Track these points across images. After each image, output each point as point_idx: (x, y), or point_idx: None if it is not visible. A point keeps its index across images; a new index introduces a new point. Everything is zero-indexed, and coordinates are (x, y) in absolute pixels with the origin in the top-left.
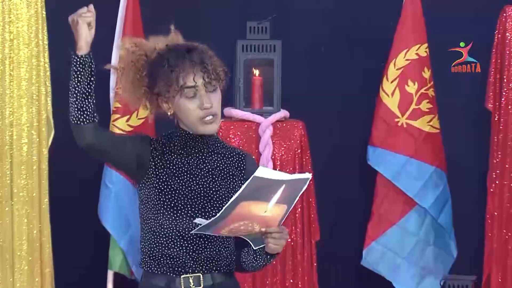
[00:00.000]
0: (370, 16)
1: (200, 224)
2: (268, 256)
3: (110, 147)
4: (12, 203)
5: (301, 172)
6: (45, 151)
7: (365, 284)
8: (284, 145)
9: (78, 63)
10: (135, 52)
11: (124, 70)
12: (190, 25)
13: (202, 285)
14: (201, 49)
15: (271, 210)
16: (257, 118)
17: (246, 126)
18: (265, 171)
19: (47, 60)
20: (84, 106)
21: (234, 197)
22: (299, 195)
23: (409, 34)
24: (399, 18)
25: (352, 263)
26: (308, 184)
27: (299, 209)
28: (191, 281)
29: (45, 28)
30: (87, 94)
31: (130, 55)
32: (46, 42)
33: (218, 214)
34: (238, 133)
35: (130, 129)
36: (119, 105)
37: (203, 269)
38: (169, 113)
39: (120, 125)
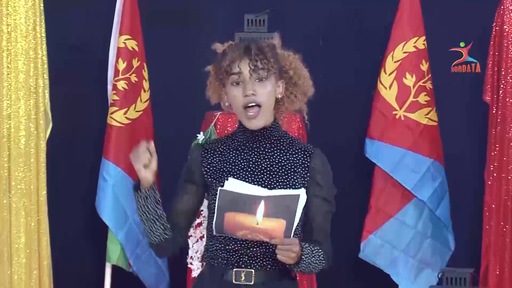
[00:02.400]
0: (368, 9)
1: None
2: (289, 266)
3: (191, 218)
4: (10, 196)
5: None
6: (43, 144)
7: (362, 277)
8: None
9: (142, 197)
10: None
11: (212, 71)
12: (187, 18)
13: (253, 281)
14: (256, 40)
15: (263, 223)
16: None
17: None
18: (233, 185)
19: (44, 52)
20: (154, 229)
21: (216, 208)
22: (298, 211)
23: (407, 26)
24: (397, 10)
25: (349, 256)
26: None
27: None
28: (242, 275)
29: (43, 20)
30: (155, 219)
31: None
32: (43, 34)
33: (214, 221)
34: (236, 125)
35: (127, 121)
36: (117, 98)
37: (258, 266)
38: (226, 104)
39: (118, 117)
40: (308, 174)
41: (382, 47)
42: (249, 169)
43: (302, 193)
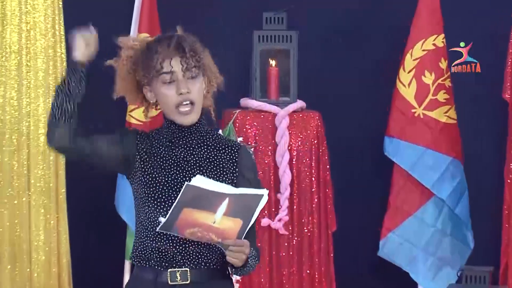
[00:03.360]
0: (387, 6)
1: (161, 223)
2: (234, 269)
3: (88, 153)
4: (29, 194)
5: (317, 164)
6: None
7: (382, 275)
8: (301, 136)
9: (71, 65)
10: (133, 47)
11: (122, 65)
12: (206, 16)
13: (189, 280)
14: (184, 37)
15: (220, 222)
16: (274, 108)
17: (262, 116)
18: (201, 181)
19: (63, 50)
20: (65, 105)
21: (175, 202)
22: (257, 212)
23: (426, 24)
24: (416, 8)
25: (369, 254)
26: (325, 175)
27: (316, 200)
28: (178, 275)
29: (62, 18)
30: (72, 96)
31: (128, 50)
32: (62, 32)
33: (166, 217)
34: (255, 123)
35: (146, 119)
36: None
37: (192, 264)
38: (151, 102)
39: (137, 115)
40: (237, 170)
41: (401, 45)
42: (180, 165)
43: (265, 193)
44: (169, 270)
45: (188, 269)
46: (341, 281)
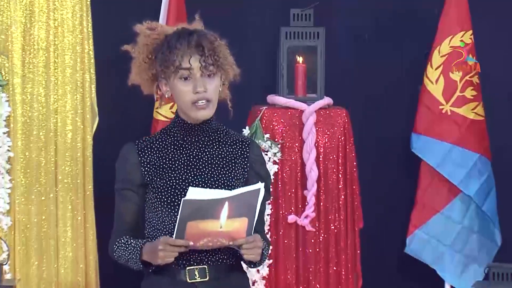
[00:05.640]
0: (414, 3)
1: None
2: (252, 264)
3: (142, 218)
4: (56, 190)
5: (344, 161)
6: (89, 138)
7: (408, 272)
8: (328, 133)
9: (143, 267)
10: (150, 36)
11: (138, 53)
12: (233, 13)
13: (208, 277)
14: (204, 33)
15: (226, 225)
16: (301, 105)
17: (289, 113)
18: (196, 193)
19: (91, 47)
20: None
21: (177, 219)
22: (258, 205)
23: (454, 21)
24: (444, 5)
25: (395, 251)
26: (352, 172)
27: (343, 197)
28: (196, 273)
29: (90, 15)
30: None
31: (145, 38)
32: (90, 29)
33: (174, 234)
34: (282, 120)
35: (173, 115)
36: None
37: (210, 261)
38: (166, 96)
39: (164, 112)
40: (248, 165)
41: (429, 42)
42: (191, 164)
43: (261, 186)
44: (187, 268)
45: (206, 267)
46: (368, 277)
